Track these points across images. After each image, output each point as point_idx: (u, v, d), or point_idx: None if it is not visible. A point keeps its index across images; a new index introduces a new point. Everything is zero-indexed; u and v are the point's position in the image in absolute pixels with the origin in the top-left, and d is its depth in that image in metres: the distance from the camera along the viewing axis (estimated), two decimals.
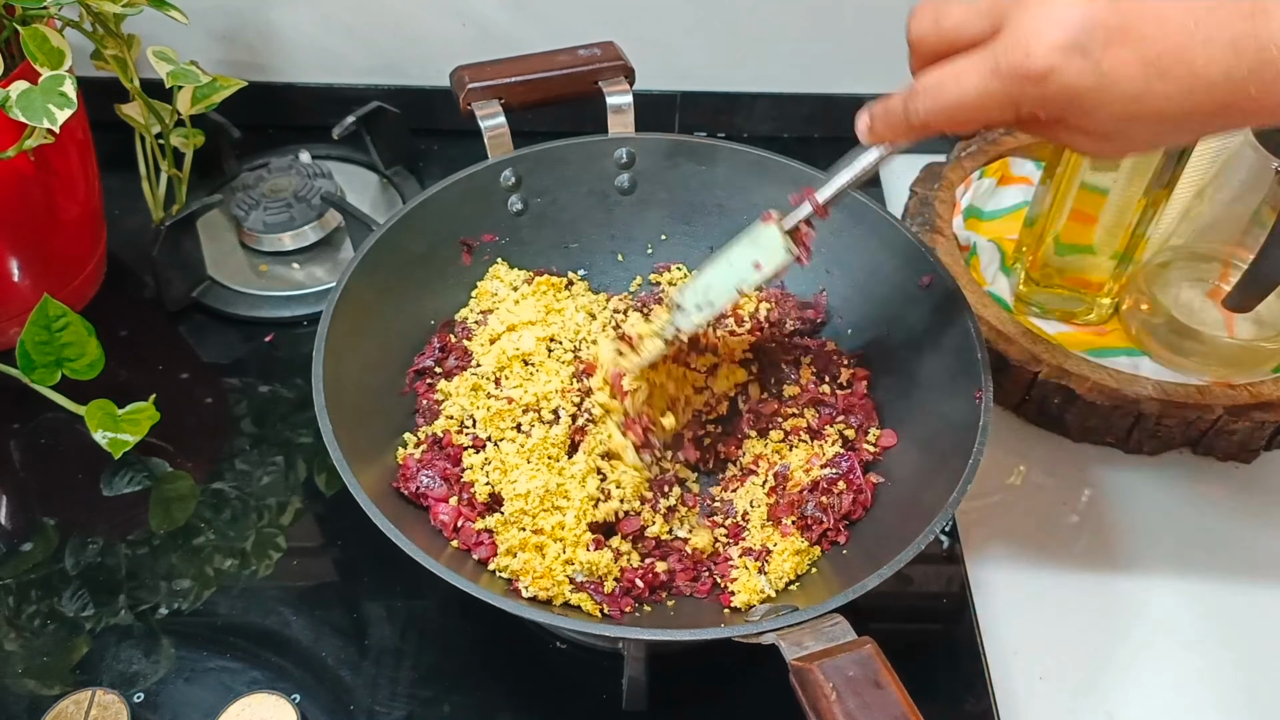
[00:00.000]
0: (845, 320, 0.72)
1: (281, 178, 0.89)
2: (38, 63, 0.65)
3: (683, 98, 0.98)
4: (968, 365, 0.61)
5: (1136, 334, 0.78)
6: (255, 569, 0.67)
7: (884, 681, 0.46)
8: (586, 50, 0.74)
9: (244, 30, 0.94)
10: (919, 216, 0.85)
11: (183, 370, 0.80)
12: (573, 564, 0.58)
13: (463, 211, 0.71)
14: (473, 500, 0.60)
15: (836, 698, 0.45)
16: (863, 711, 0.45)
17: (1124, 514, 0.73)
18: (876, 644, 0.47)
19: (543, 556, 0.58)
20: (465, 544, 0.59)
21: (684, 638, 0.53)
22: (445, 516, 0.60)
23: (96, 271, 0.84)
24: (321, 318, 0.61)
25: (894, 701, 0.45)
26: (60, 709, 0.59)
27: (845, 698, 0.45)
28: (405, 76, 0.97)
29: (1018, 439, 0.77)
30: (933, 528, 0.53)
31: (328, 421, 0.56)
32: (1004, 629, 0.67)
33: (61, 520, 0.70)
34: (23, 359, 0.70)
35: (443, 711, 0.61)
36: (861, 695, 0.45)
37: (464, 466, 0.62)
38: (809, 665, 0.47)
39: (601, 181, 0.74)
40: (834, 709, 0.45)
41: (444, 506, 0.60)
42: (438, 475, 0.61)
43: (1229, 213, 0.75)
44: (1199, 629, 0.67)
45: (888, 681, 0.46)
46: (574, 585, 0.57)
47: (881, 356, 0.70)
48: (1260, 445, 0.75)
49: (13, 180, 0.70)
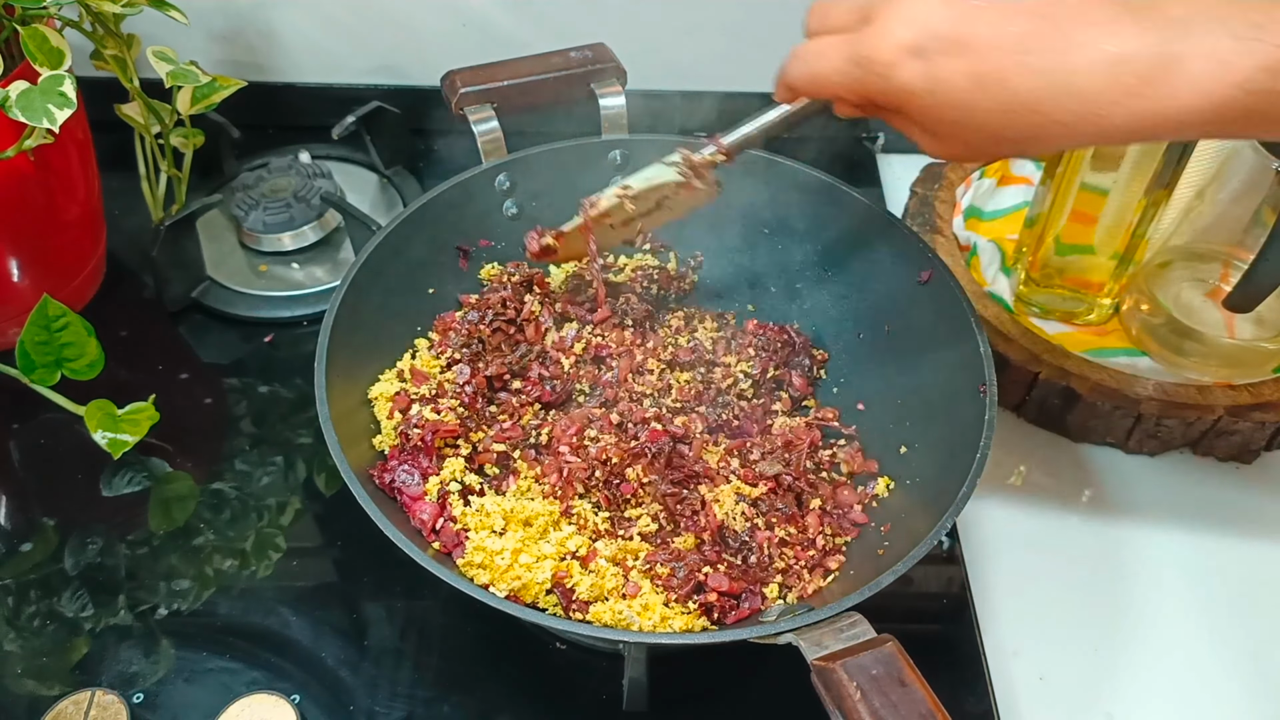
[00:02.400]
0: (845, 319, 0.72)
1: (281, 178, 0.89)
2: (37, 63, 0.65)
3: (682, 98, 0.98)
4: (970, 359, 0.61)
5: (1136, 334, 0.78)
6: (255, 569, 0.67)
7: (908, 679, 0.45)
8: (578, 52, 0.74)
9: (244, 30, 0.94)
10: (919, 216, 0.85)
11: (183, 370, 0.80)
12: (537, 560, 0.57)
13: (458, 217, 0.71)
14: (445, 500, 0.60)
15: (861, 697, 0.45)
16: (889, 710, 0.44)
17: (1124, 515, 0.73)
18: (898, 641, 0.47)
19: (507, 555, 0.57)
20: (446, 546, 0.59)
21: (700, 641, 0.52)
22: (425, 515, 0.59)
23: (96, 271, 0.84)
24: (322, 328, 0.61)
25: (920, 699, 0.45)
26: (60, 709, 0.59)
27: (870, 697, 0.45)
28: (405, 76, 0.97)
29: (1018, 439, 0.77)
30: (944, 522, 0.53)
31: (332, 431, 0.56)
32: (1004, 629, 0.67)
33: (61, 520, 0.70)
34: (22, 359, 0.70)
35: (443, 711, 0.61)
36: (887, 694, 0.45)
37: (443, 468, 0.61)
38: (832, 665, 0.46)
39: (596, 184, 0.74)
40: (859, 709, 0.44)
41: (423, 505, 0.60)
42: (418, 473, 0.61)
43: (1229, 213, 0.75)
44: (1199, 629, 0.67)
45: (912, 679, 0.45)
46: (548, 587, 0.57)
47: (882, 354, 0.70)
48: (1260, 445, 0.75)
49: (13, 180, 0.70)
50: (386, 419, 0.64)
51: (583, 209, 0.68)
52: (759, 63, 0.96)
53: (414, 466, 0.61)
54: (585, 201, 0.67)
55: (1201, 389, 0.73)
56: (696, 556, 0.59)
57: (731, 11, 0.92)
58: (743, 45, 0.95)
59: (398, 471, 0.60)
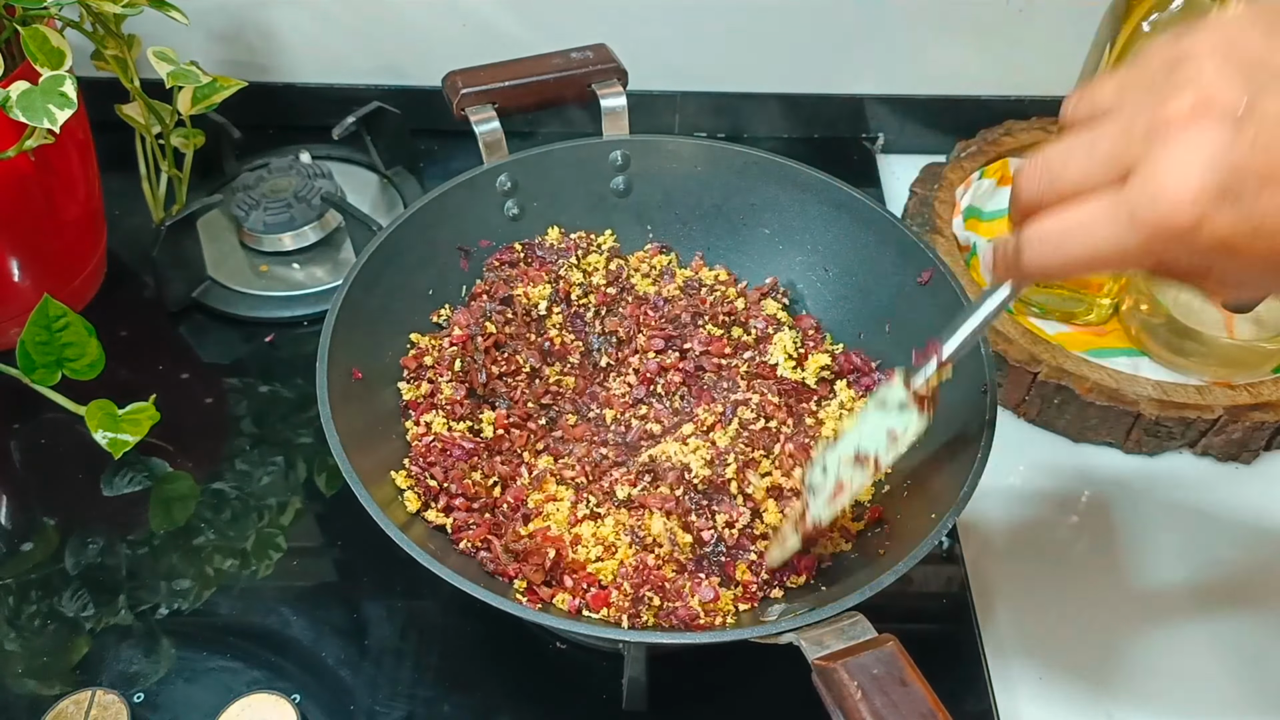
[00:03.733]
0: (845, 319, 0.72)
1: (281, 178, 0.89)
2: (38, 63, 0.65)
3: (682, 98, 0.98)
4: (972, 359, 0.61)
5: (1136, 334, 0.78)
6: (255, 569, 0.67)
7: (909, 679, 0.45)
8: (579, 53, 0.74)
9: (244, 30, 0.94)
10: (919, 217, 0.85)
11: (183, 370, 0.80)
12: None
13: (459, 218, 0.71)
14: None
15: (862, 696, 0.45)
16: (890, 710, 0.44)
17: (1124, 514, 0.73)
18: (899, 641, 0.47)
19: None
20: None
21: (700, 641, 0.52)
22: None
23: (96, 271, 0.84)
24: (324, 328, 0.61)
25: (921, 699, 0.45)
26: (60, 709, 0.59)
27: (872, 696, 0.45)
28: (405, 76, 0.97)
29: (1018, 439, 0.77)
30: (946, 522, 0.53)
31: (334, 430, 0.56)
32: (1004, 629, 0.67)
33: (61, 520, 0.70)
34: (23, 359, 0.70)
35: (443, 711, 0.61)
36: (888, 694, 0.45)
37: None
38: (832, 665, 0.46)
39: (598, 184, 0.74)
40: (860, 708, 0.44)
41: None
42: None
43: None
44: (1199, 629, 0.67)
45: (913, 679, 0.45)
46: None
47: (881, 354, 0.70)
48: (1260, 445, 0.75)
49: (13, 180, 0.70)
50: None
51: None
52: (759, 63, 0.97)
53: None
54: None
55: (1201, 389, 0.73)
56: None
57: (732, 11, 0.92)
58: (743, 45, 0.95)
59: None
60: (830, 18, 0.92)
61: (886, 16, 0.92)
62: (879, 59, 0.95)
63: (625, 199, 0.75)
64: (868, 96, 0.98)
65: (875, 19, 0.92)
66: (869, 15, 0.92)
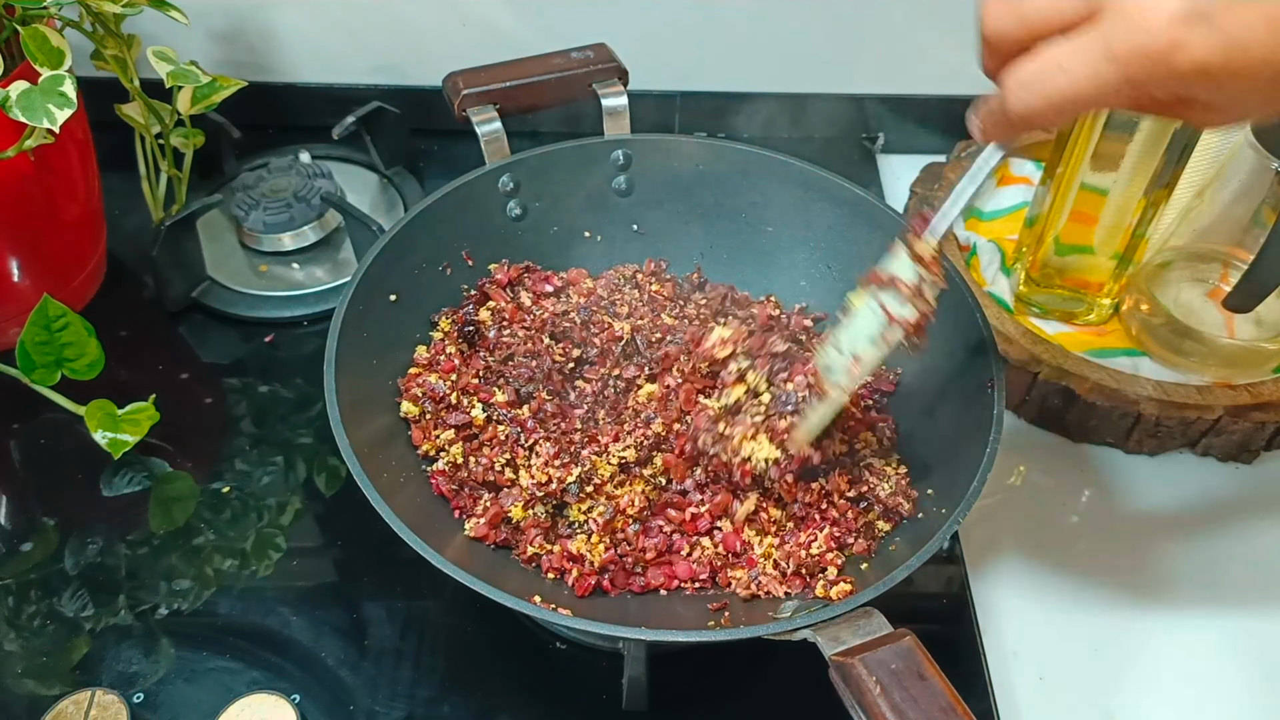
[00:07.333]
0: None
1: (281, 178, 0.89)
2: (38, 63, 0.65)
3: (682, 98, 0.98)
4: (976, 355, 0.61)
5: (1136, 334, 0.78)
6: (255, 569, 0.67)
7: (927, 674, 0.45)
8: (579, 53, 0.74)
9: (244, 30, 0.94)
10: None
11: (183, 370, 0.80)
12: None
13: (462, 218, 0.71)
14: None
15: (881, 691, 0.45)
16: (909, 704, 0.44)
17: (1124, 514, 0.73)
18: (915, 636, 0.47)
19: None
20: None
21: (703, 639, 0.52)
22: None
23: (96, 271, 0.84)
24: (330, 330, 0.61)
25: (940, 693, 0.45)
26: (60, 709, 0.59)
27: (890, 691, 0.45)
28: (405, 76, 0.97)
29: (1018, 439, 0.77)
30: (957, 517, 0.53)
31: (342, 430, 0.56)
32: (1004, 629, 0.67)
33: (61, 520, 0.70)
34: (23, 359, 0.70)
35: (443, 711, 0.61)
36: (907, 688, 0.45)
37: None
38: (850, 660, 0.46)
39: (599, 184, 0.74)
40: (879, 703, 0.44)
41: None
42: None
43: (1229, 213, 0.75)
44: (1199, 629, 0.67)
45: (931, 674, 0.45)
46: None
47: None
48: (1260, 445, 0.75)
49: (13, 180, 0.70)
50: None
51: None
52: (759, 63, 0.97)
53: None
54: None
55: (1201, 389, 0.73)
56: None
57: (732, 11, 0.92)
58: (743, 45, 0.95)
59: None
60: (830, 18, 0.92)
61: (886, 16, 0.92)
62: (879, 59, 0.95)
63: (627, 198, 0.75)
64: (868, 96, 0.98)
65: (875, 19, 0.92)
66: (869, 15, 0.92)
